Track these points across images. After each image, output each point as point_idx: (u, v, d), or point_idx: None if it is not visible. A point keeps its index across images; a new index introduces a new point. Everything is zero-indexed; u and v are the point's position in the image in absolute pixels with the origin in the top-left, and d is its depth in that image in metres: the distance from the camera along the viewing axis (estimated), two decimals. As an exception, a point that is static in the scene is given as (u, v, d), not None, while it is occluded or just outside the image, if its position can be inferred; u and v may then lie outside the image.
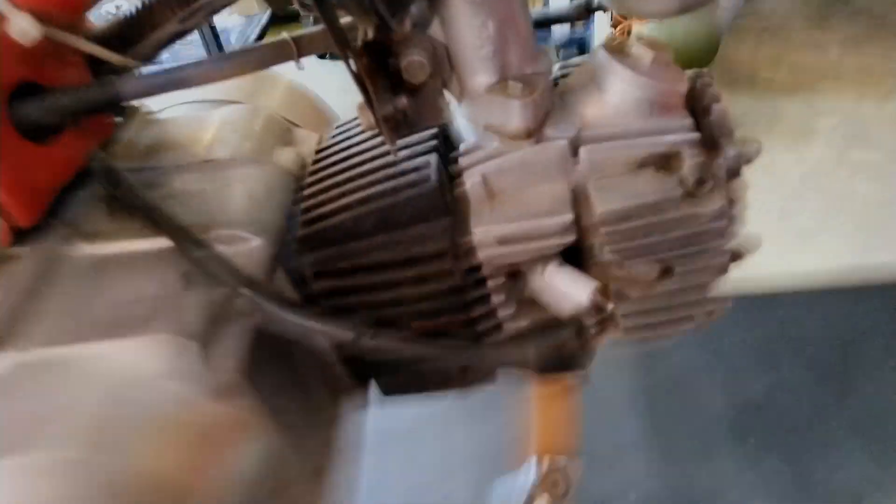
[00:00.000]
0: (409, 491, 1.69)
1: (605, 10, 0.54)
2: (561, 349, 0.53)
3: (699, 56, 2.88)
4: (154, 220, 0.52)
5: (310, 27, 0.56)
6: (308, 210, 0.56)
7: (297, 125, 0.73)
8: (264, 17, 3.23)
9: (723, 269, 0.54)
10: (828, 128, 2.88)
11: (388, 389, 0.66)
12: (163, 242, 0.53)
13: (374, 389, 0.69)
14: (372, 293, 0.55)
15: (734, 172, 0.53)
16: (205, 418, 0.51)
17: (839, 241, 2.27)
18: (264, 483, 0.56)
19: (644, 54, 0.52)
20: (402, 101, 0.49)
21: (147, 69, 0.57)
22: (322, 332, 0.49)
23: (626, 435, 1.71)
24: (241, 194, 0.57)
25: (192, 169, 0.59)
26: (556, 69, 0.60)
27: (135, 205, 0.54)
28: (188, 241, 0.51)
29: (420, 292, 0.54)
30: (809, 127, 2.91)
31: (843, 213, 2.42)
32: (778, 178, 2.63)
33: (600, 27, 2.95)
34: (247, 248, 0.54)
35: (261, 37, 3.13)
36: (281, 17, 3.64)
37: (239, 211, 0.56)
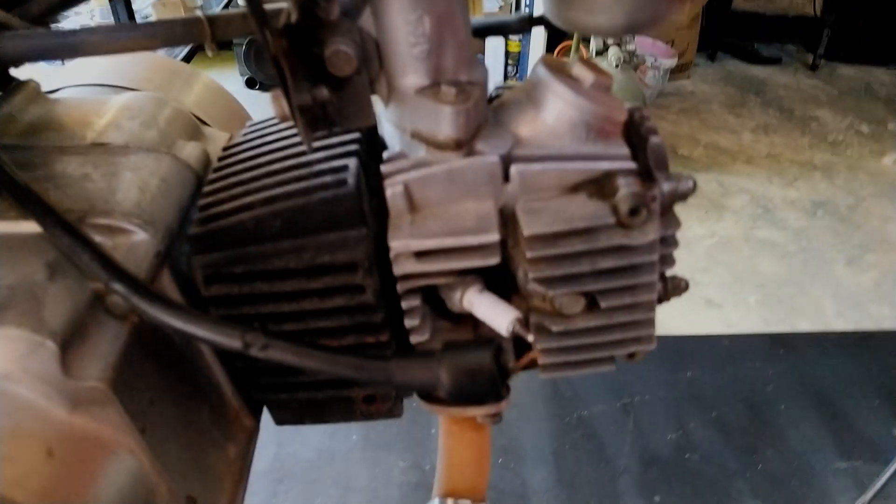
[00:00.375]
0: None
1: (547, 24, 0.52)
2: (476, 376, 0.48)
3: (624, 125, 2.99)
4: (20, 199, 0.45)
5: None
6: (206, 208, 0.50)
7: (208, 125, 0.67)
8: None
9: (650, 308, 0.51)
10: (737, 206, 3.03)
11: (282, 418, 0.59)
12: (29, 226, 0.45)
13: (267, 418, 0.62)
14: (270, 304, 0.49)
15: (668, 207, 0.51)
16: (56, 432, 0.43)
17: (742, 313, 2.35)
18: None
19: (585, 76, 0.49)
20: (323, 92, 0.45)
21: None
22: (206, 339, 0.42)
23: (532, 481, 1.67)
24: (131, 183, 0.50)
25: (77, 151, 0.52)
26: (491, 89, 0.57)
27: (-1, 180, 0.46)
28: (58, 227, 0.44)
29: (325, 307, 0.49)
30: (721, 204, 3.04)
31: (747, 287, 2.52)
32: (689, 248, 2.73)
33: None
34: (129, 241, 0.47)
35: (188, 59, 3.03)
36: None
37: (125, 201, 0.49)
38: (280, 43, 0.43)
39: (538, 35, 3.06)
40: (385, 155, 0.50)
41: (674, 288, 0.55)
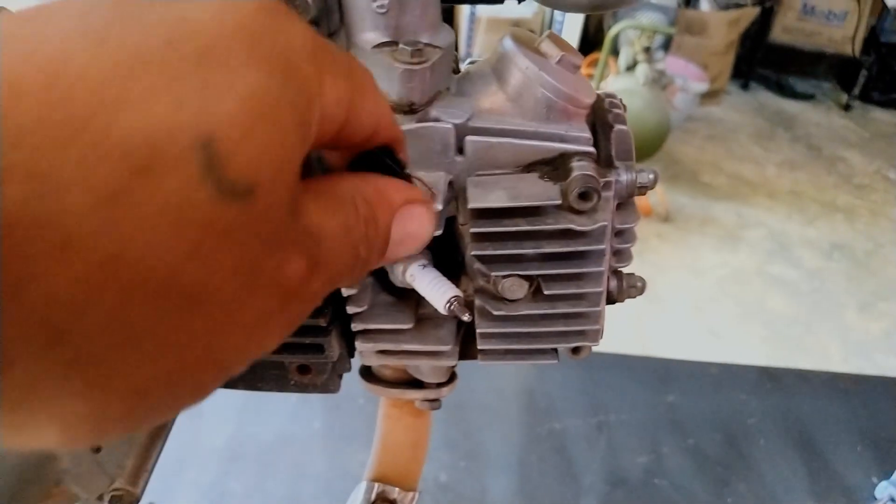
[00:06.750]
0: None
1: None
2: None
3: (646, 145, 2.96)
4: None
5: None
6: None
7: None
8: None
9: (596, 301, 0.49)
10: (753, 239, 2.98)
11: (214, 379, 0.57)
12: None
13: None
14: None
15: (625, 199, 0.49)
16: None
17: (745, 348, 2.30)
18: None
19: (552, 52, 0.47)
20: (274, 37, 0.43)
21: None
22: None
23: (492, 489, 1.63)
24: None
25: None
26: (466, 63, 0.55)
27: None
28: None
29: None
30: (737, 235, 3.00)
31: (753, 322, 2.47)
32: (700, 276, 2.69)
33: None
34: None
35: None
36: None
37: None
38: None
39: (569, 45, 3.04)
40: (338, 113, 0.48)
41: (629, 287, 0.53)
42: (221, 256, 0.19)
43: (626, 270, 0.54)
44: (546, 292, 0.48)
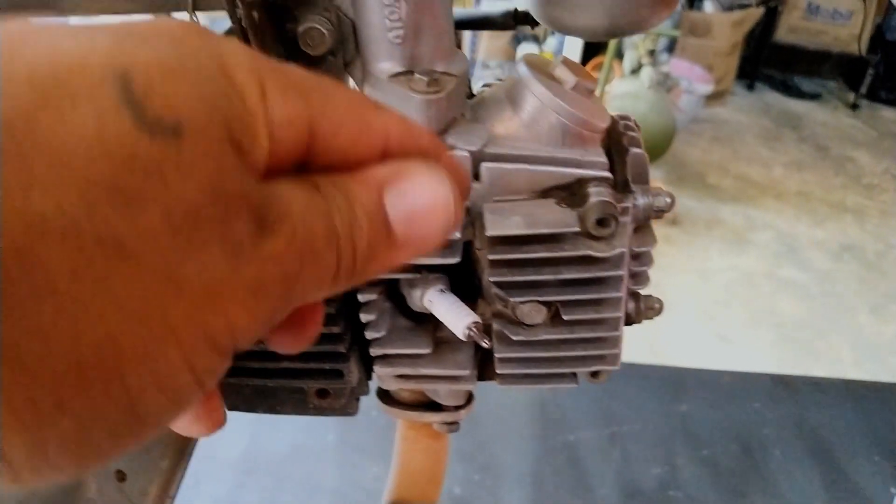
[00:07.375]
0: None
1: (532, 20, 0.51)
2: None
3: (652, 148, 2.95)
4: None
5: None
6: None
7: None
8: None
9: (615, 326, 0.49)
10: (762, 242, 2.97)
11: (234, 403, 0.58)
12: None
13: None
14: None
15: (642, 222, 0.49)
16: None
17: (755, 353, 2.29)
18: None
19: (567, 77, 0.47)
20: (292, 69, 0.44)
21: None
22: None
23: (508, 499, 1.63)
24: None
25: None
26: (479, 86, 0.56)
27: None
28: None
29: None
30: (745, 237, 2.98)
31: (763, 326, 2.45)
32: (708, 280, 2.67)
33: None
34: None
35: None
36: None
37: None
38: (251, 15, 0.42)
39: (572, 50, 3.05)
40: (355, 142, 0.49)
41: (647, 309, 0.53)
42: (149, 197, 0.17)
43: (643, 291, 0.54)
44: (565, 318, 0.48)
